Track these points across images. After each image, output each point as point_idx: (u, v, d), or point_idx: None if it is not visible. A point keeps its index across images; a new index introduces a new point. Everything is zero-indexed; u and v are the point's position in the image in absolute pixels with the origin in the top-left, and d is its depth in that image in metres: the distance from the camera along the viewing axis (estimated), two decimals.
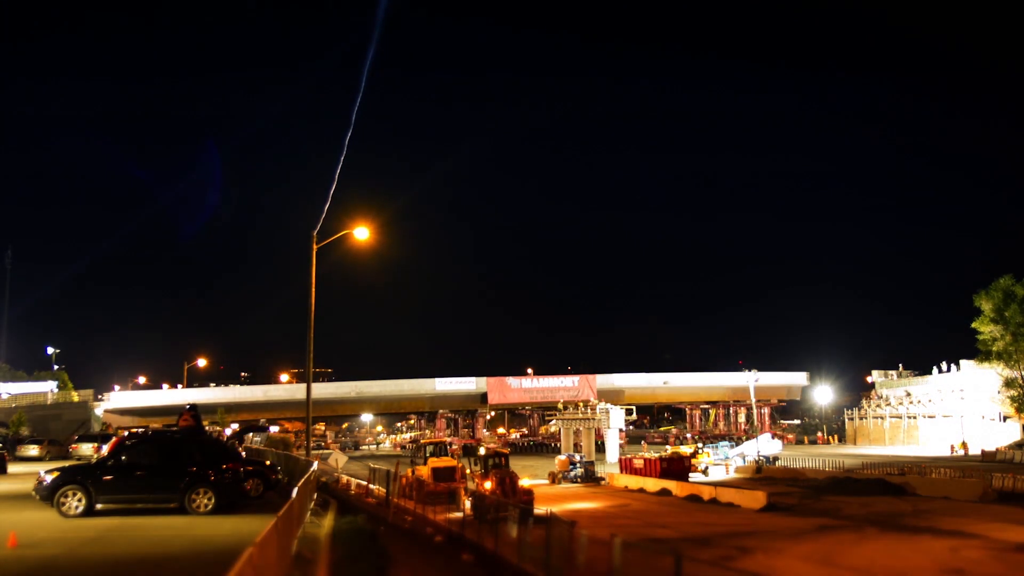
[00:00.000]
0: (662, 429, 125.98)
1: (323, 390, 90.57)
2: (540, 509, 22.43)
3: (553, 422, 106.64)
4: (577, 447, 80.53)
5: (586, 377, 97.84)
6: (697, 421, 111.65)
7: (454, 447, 70.31)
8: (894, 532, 26.10)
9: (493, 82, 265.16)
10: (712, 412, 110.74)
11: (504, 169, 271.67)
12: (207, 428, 30.74)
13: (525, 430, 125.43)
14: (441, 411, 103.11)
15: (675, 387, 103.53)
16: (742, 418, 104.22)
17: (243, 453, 29.56)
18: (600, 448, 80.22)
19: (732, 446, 70.43)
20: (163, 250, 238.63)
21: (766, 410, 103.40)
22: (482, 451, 39.80)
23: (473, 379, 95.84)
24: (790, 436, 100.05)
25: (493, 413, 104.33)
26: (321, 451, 69.64)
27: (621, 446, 77.77)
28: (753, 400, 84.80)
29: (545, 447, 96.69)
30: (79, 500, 18.01)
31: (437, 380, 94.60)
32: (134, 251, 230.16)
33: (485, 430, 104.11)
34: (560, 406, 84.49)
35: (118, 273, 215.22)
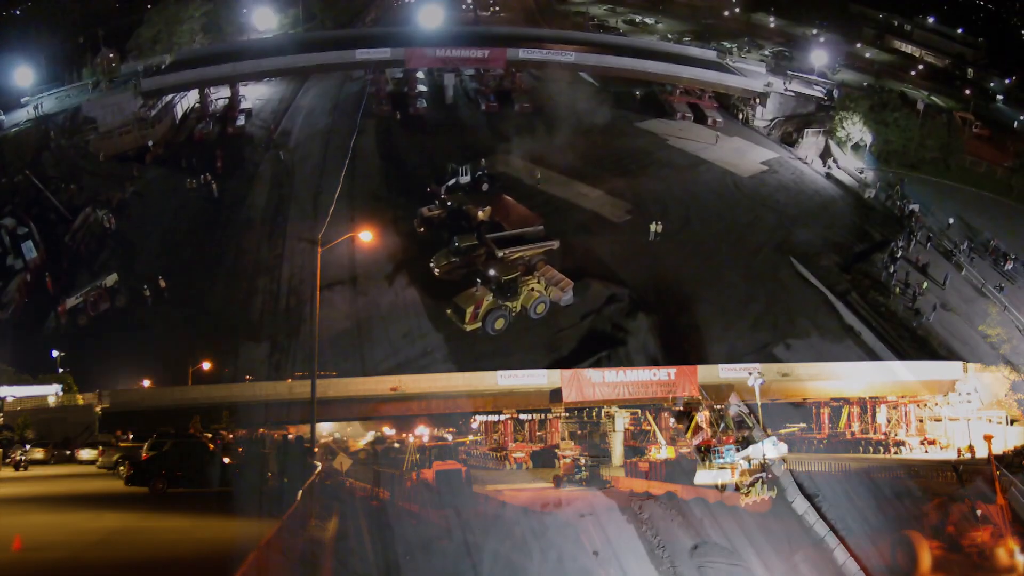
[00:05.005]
0: (782, 431, 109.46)
1: (353, 386, 78.10)
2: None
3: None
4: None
5: (684, 369, 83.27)
6: (826, 420, 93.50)
7: (518, 455, 64.66)
8: None
9: None
10: (845, 410, 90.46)
11: None
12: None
13: None
14: (506, 411, 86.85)
15: (797, 380, 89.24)
16: (881, 418, 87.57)
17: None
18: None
19: (737, 450, 69.89)
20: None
21: (912, 408, 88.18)
22: None
23: (544, 372, 79.75)
24: None
25: (566, 413, 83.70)
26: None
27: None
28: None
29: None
30: None
31: (499, 373, 79.49)
32: None
33: (567, 433, 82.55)
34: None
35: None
